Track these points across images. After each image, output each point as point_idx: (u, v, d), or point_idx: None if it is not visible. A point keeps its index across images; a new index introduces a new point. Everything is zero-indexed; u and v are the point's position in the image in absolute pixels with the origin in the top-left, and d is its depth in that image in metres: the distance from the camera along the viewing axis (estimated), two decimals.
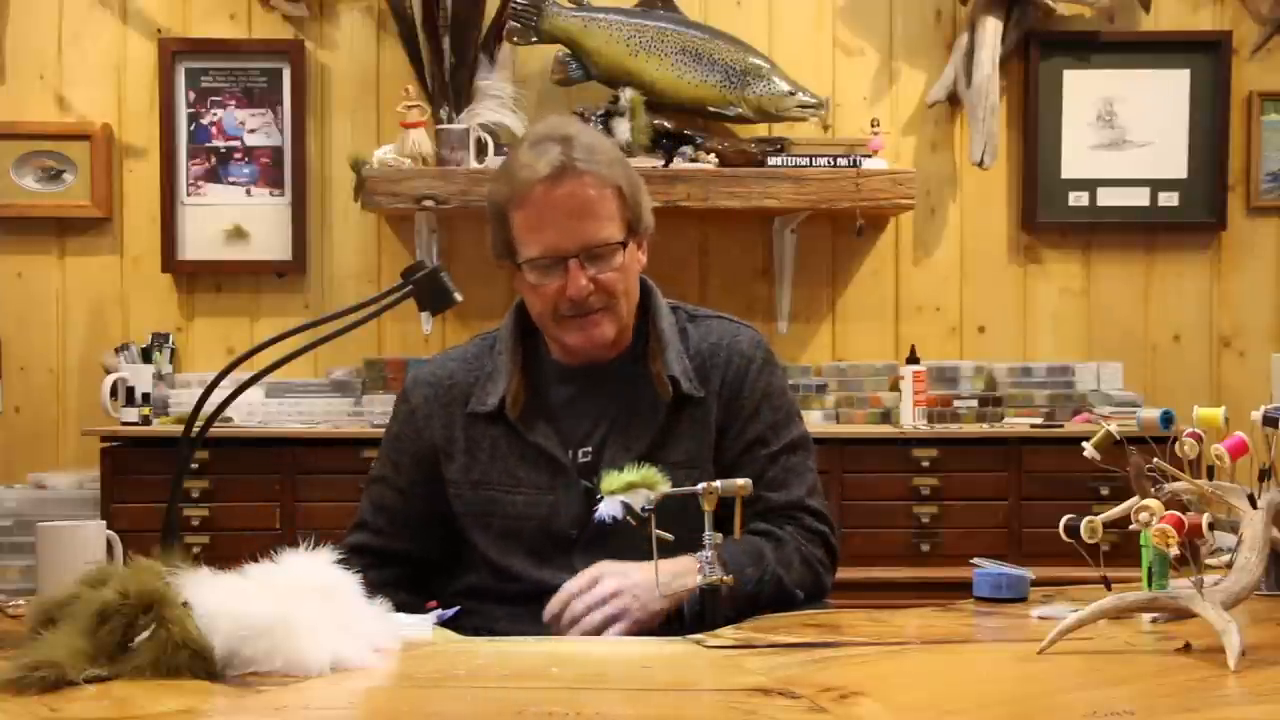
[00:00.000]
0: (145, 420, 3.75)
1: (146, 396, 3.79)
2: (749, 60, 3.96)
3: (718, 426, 2.09)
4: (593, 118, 3.88)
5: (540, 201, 2.01)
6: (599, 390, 2.10)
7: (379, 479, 2.20)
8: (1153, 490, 1.69)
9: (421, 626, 1.76)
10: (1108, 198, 4.19)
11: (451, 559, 2.15)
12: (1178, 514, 1.59)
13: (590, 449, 2.08)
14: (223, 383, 1.95)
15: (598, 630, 1.87)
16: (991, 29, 4.04)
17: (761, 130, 4.06)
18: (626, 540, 1.88)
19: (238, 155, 4.12)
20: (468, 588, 2.11)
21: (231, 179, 4.13)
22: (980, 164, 4.05)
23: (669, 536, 1.85)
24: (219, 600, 1.49)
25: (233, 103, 4.12)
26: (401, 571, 2.15)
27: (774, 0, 4.19)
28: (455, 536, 2.14)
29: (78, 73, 4.13)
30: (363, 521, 2.20)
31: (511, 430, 2.09)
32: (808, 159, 3.87)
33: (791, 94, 3.94)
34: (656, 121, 3.87)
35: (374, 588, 2.02)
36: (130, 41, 4.13)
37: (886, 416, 3.90)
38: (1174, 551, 1.57)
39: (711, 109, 3.96)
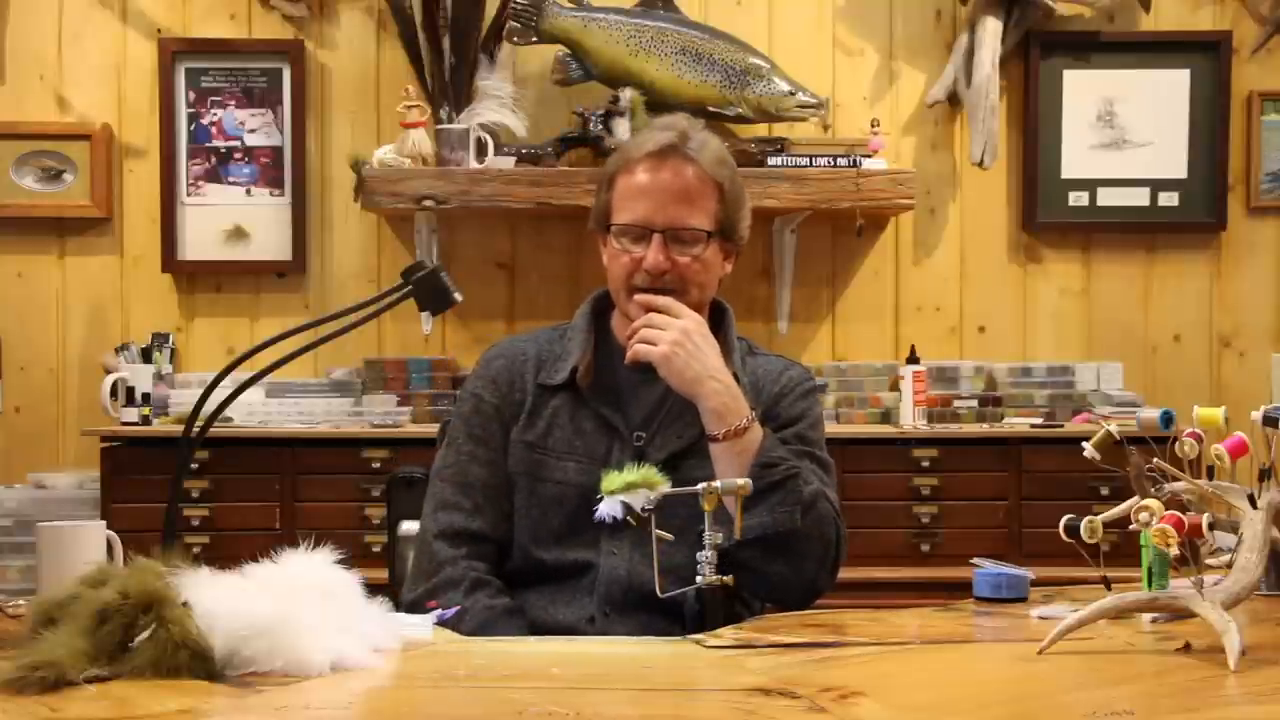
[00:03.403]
0: (145, 420, 3.75)
1: (146, 396, 3.79)
2: (749, 60, 3.96)
3: None
4: (592, 118, 3.88)
5: (644, 173, 2.12)
6: (662, 380, 2.13)
7: (457, 462, 2.16)
8: (1153, 490, 1.69)
9: (421, 626, 1.76)
10: (1108, 198, 4.19)
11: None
12: (1178, 514, 1.59)
13: (644, 434, 2.12)
14: (223, 383, 1.95)
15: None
16: (991, 29, 4.04)
17: (761, 130, 4.06)
18: (657, 525, 1.88)
19: (238, 155, 4.12)
20: (506, 571, 2.13)
21: (231, 179, 4.13)
22: (980, 164, 4.06)
23: (669, 536, 1.86)
24: (219, 600, 1.49)
25: (233, 103, 4.12)
26: (493, 551, 2.14)
27: (774, 0, 4.19)
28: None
29: (78, 73, 4.13)
30: (449, 502, 2.15)
31: (575, 402, 2.15)
32: (808, 159, 3.87)
33: (791, 94, 3.94)
34: None
35: (476, 573, 2.09)
36: (130, 41, 4.13)
37: (886, 416, 3.90)
38: (1174, 551, 1.58)
39: (711, 109, 3.95)
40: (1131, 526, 1.63)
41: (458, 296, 2.11)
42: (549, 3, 3.95)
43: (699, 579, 1.82)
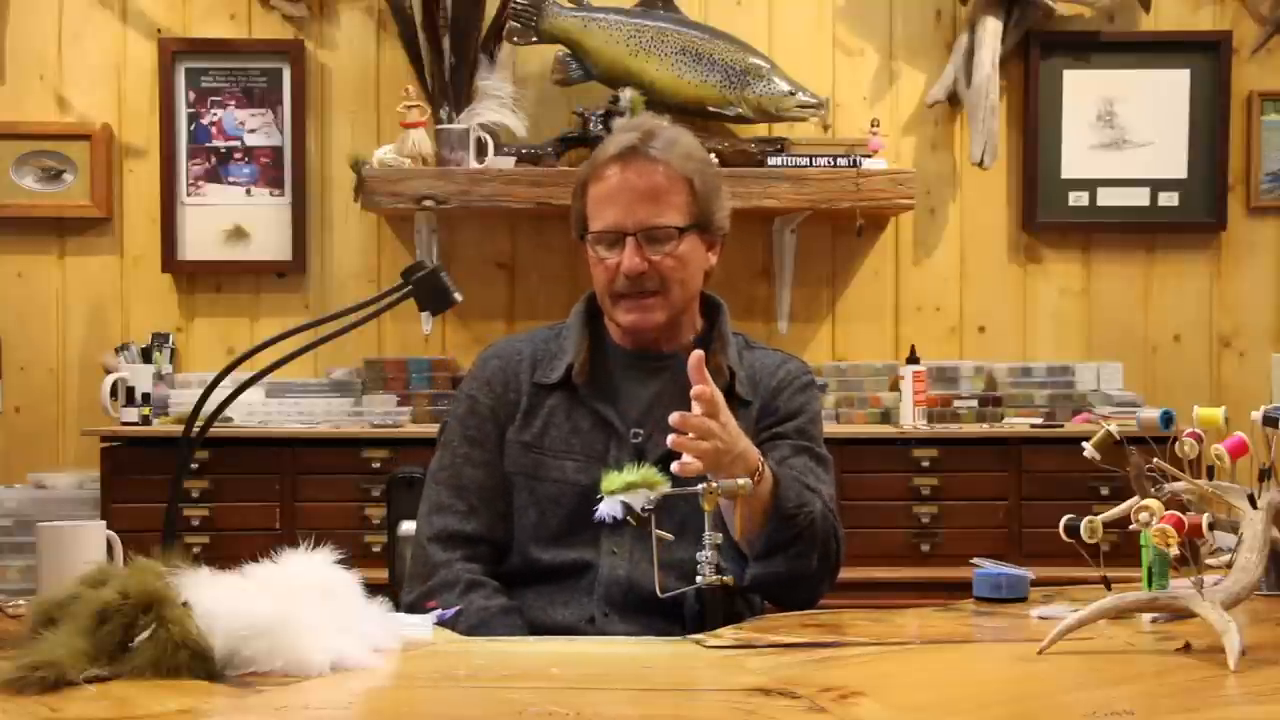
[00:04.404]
0: (145, 420, 3.75)
1: (146, 396, 3.79)
2: (749, 60, 3.96)
3: (753, 428, 2.11)
4: (592, 118, 3.88)
5: (610, 179, 2.11)
6: (657, 377, 2.15)
7: (451, 464, 2.17)
8: (1153, 490, 1.69)
9: (421, 626, 1.76)
10: (1108, 198, 4.19)
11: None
12: (1178, 514, 1.59)
13: (642, 432, 2.12)
14: (223, 383, 1.95)
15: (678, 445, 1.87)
16: (991, 29, 4.04)
17: (761, 130, 4.06)
18: (657, 523, 1.88)
19: (238, 155, 4.12)
20: (505, 572, 2.13)
21: (231, 179, 4.13)
22: (980, 164, 4.06)
23: (669, 536, 1.87)
24: (219, 600, 1.49)
25: (233, 103, 4.12)
26: (490, 552, 2.14)
27: (774, 0, 4.19)
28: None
29: (78, 73, 4.13)
30: (443, 504, 2.15)
31: (572, 400, 2.15)
32: (808, 159, 3.87)
33: (791, 94, 3.94)
34: None
35: (471, 575, 2.07)
36: (130, 41, 4.13)
37: (886, 416, 3.90)
38: (1174, 551, 1.58)
39: (711, 109, 3.96)
40: (1131, 526, 1.63)
41: (458, 296, 2.11)
42: (549, 3, 3.95)
43: (699, 579, 1.82)
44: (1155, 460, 1.71)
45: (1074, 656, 1.59)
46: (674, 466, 1.87)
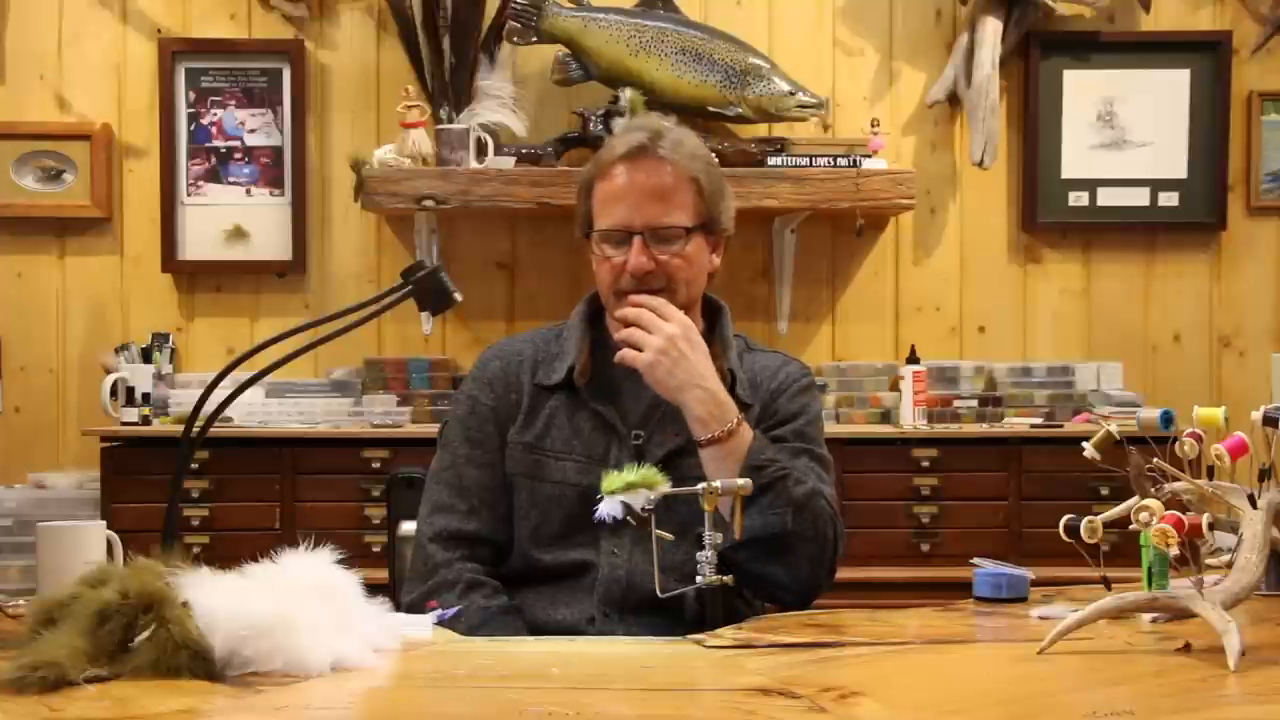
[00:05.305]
0: (145, 420, 3.75)
1: (146, 396, 3.79)
2: (749, 60, 3.96)
3: (753, 428, 2.11)
4: (592, 118, 3.88)
5: (618, 177, 2.12)
6: None
7: (452, 464, 2.17)
8: (1153, 490, 1.69)
9: (421, 626, 1.76)
10: (1108, 198, 4.19)
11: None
12: (1178, 514, 1.59)
13: (642, 433, 2.12)
14: (223, 383, 1.95)
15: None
16: (991, 29, 4.04)
17: (761, 130, 4.06)
18: (657, 524, 1.89)
19: (238, 155, 4.12)
20: (505, 573, 2.13)
21: (231, 179, 4.13)
22: (980, 164, 4.06)
23: (669, 536, 1.87)
24: (219, 600, 1.49)
25: (233, 103, 4.12)
26: (490, 553, 2.14)
27: (774, 0, 4.19)
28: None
29: (78, 73, 4.13)
30: (444, 504, 2.15)
31: (573, 401, 2.15)
32: (808, 159, 3.87)
33: (791, 94, 3.94)
34: None
35: (471, 575, 2.08)
36: (130, 41, 4.13)
37: (886, 416, 3.90)
38: (1174, 551, 1.58)
39: (711, 109, 3.96)
40: (1131, 526, 1.63)
41: (458, 296, 2.11)
42: (549, 3, 3.95)
43: (699, 579, 1.82)
44: (1155, 460, 1.71)
45: (1074, 656, 1.59)
46: (616, 357, 2.04)
